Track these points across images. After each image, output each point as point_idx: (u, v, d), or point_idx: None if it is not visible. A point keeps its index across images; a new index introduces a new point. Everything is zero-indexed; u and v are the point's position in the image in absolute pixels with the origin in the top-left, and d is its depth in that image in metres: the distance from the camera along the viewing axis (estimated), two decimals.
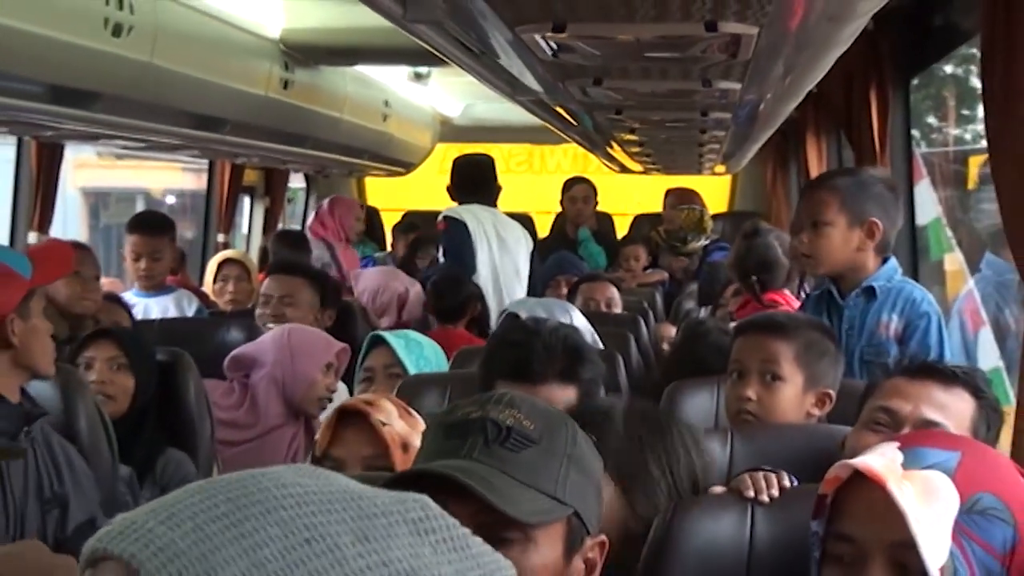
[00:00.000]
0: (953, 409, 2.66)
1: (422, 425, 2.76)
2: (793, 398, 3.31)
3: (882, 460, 1.92)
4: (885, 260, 4.14)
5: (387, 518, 1.14)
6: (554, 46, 2.88)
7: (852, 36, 3.13)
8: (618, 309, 6.61)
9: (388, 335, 4.27)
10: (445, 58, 3.67)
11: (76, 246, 5.56)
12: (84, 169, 16.88)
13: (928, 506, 1.87)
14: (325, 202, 9.12)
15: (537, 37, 2.75)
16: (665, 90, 3.72)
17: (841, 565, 1.94)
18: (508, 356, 3.18)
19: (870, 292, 4.06)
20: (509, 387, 2.95)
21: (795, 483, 2.45)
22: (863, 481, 1.92)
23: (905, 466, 1.90)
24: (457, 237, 6.97)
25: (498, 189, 7.45)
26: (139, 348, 4.24)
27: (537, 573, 1.91)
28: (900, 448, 1.95)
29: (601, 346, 4.80)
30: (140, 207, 16.29)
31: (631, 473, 2.42)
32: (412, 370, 4.05)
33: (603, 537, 2.02)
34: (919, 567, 1.85)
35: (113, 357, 4.17)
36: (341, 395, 5.11)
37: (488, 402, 2.02)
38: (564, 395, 3.01)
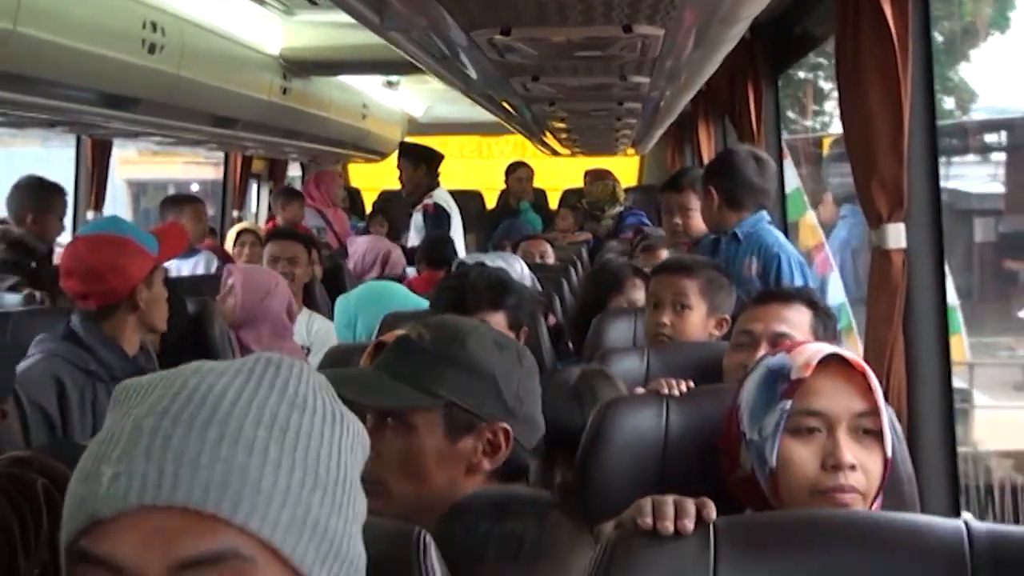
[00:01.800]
0: (795, 320, 2.70)
1: None
2: (699, 323, 3.33)
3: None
4: (756, 212, 4.21)
5: (292, 385, 1.08)
6: (501, 48, 2.88)
7: (736, 37, 3.13)
8: (551, 260, 6.64)
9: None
10: (413, 61, 3.63)
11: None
12: (127, 164, 16.89)
13: (876, 386, 1.94)
14: (311, 178, 9.05)
15: (487, 39, 2.74)
16: (590, 84, 3.70)
17: (808, 437, 1.93)
18: (446, 296, 3.19)
19: (735, 238, 4.13)
20: None
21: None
22: (828, 369, 1.93)
23: None
24: (441, 219, 7.35)
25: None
26: None
27: (420, 450, 1.94)
28: None
29: (540, 288, 4.87)
30: (171, 192, 16.24)
31: None
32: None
33: (505, 425, 1.99)
34: (875, 428, 1.92)
35: None
36: (328, 331, 5.08)
37: (416, 324, 2.07)
38: (495, 319, 2.99)
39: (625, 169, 10.75)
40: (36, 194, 5.58)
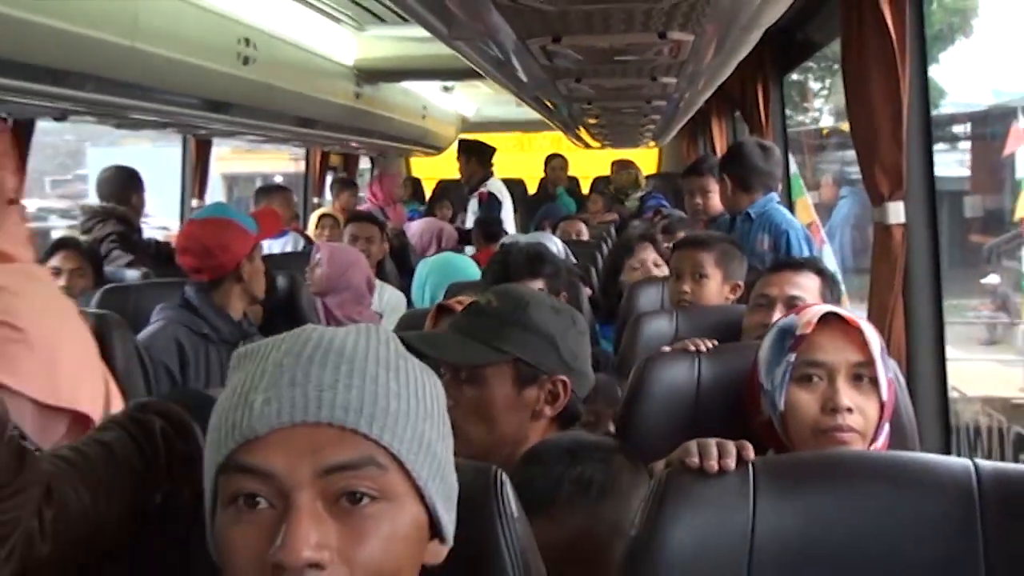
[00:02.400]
0: (806, 285, 2.67)
1: None
2: (715, 289, 3.30)
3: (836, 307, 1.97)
4: (766, 194, 4.15)
5: (392, 343, 1.13)
6: (551, 54, 2.83)
7: (752, 42, 3.08)
8: (585, 237, 6.63)
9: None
10: (473, 67, 3.58)
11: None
12: (222, 160, 16.98)
13: (872, 340, 1.91)
14: (375, 179, 9.00)
15: (539, 47, 2.69)
16: (625, 84, 3.62)
17: (809, 384, 1.92)
18: (494, 268, 3.25)
19: (749, 218, 4.09)
20: None
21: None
22: (828, 325, 1.92)
23: None
24: (495, 206, 7.39)
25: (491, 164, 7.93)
26: None
27: (489, 402, 1.94)
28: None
29: (575, 260, 4.86)
30: (259, 184, 16.32)
31: None
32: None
33: (564, 377, 1.99)
34: (870, 376, 1.90)
35: None
36: (398, 300, 5.07)
37: (486, 292, 2.07)
38: (535, 286, 3.00)
39: (646, 159, 10.69)
40: (131, 179, 5.63)
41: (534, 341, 1.96)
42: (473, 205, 7.57)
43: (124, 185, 5.57)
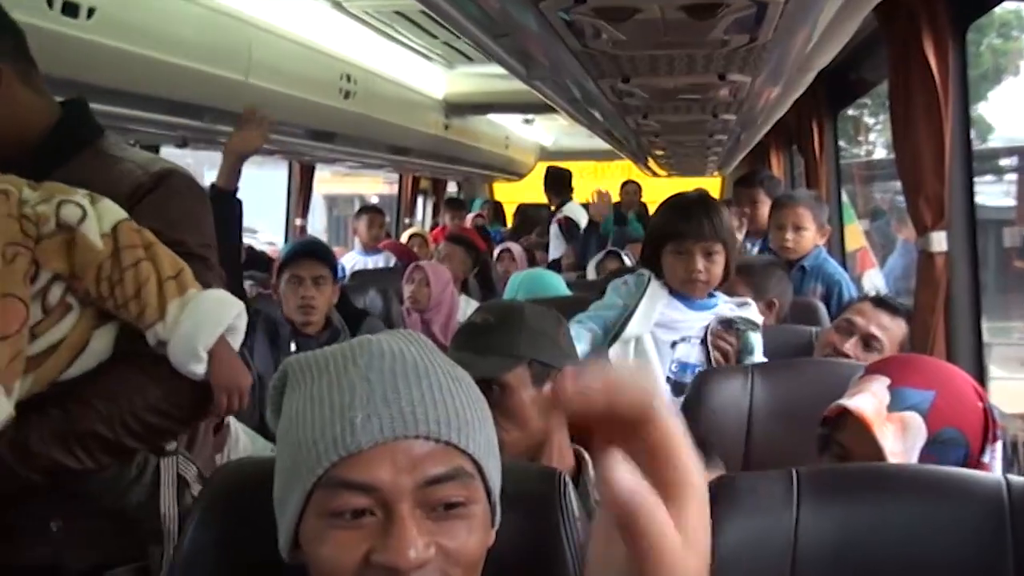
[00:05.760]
0: (893, 331, 2.56)
1: None
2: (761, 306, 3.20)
3: (872, 402, 1.71)
4: (815, 248, 3.95)
5: (438, 351, 1.12)
6: (621, 93, 2.82)
7: (807, 83, 3.04)
8: None
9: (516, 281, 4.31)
10: (549, 103, 3.60)
11: None
12: (323, 182, 17.12)
13: (902, 441, 1.69)
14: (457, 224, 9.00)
15: (610, 86, 2.69)
16: (688, 120, 3.56)
17: (837, 458, 1.73)
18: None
19: (801, 269, 3.87)
20: None
21: None
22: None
23: (890, 407, 1.70)
24: (573, 230, 7.33)
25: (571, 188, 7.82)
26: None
27: (519, 404, 1.86)
28: (889, 387, 1.72)
29: None
30: (357, 205, 16.41)
31: None
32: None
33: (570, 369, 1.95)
34: None
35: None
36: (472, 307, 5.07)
37: (477, 312, 1.99)
38: None
39: (712, 186, 10.59)
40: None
41: (539, 341, 1.91)
42: (554, 230, 7.54)
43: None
